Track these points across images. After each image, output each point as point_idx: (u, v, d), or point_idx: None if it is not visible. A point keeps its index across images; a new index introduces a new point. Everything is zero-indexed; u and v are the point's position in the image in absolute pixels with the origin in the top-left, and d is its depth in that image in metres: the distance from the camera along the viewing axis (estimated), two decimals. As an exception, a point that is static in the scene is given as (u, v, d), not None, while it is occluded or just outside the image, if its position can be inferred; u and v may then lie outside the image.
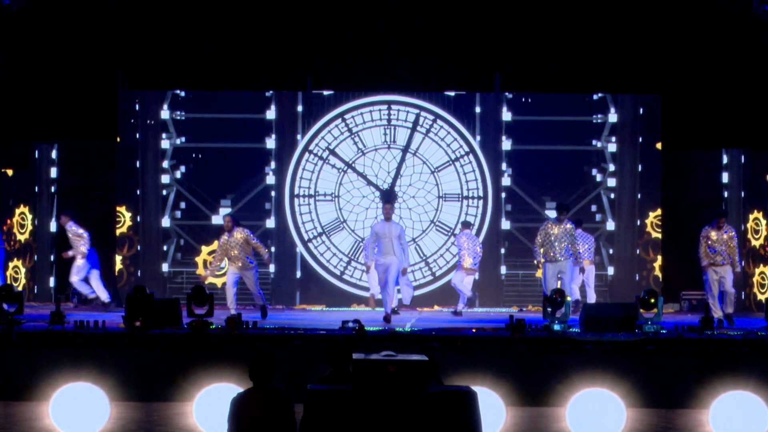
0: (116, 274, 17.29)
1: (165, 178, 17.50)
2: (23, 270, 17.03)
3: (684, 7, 16.24)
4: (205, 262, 17.24)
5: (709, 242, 13.96)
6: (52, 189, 17.51)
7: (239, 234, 14.09)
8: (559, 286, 13.30)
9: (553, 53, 16.85)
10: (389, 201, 14.93)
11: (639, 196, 17.38)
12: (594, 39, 16.60)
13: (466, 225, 16.07)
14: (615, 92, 17.45)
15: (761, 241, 16.82)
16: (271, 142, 17.44)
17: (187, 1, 16.77)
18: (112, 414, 9.87)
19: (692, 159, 17.43)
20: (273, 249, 17.42)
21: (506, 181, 17.43)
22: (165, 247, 17.44)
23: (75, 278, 15.39)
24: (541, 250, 14.30)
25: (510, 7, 16.69)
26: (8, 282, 15.13)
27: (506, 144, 17.43)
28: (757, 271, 16.80)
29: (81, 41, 16.64)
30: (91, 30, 16.57)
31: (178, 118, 17.52)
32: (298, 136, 17.55)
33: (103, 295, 15.43)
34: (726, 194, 17.22)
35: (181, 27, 16.75)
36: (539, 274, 14.86)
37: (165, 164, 17.47)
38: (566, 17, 16.53)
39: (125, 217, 17.33)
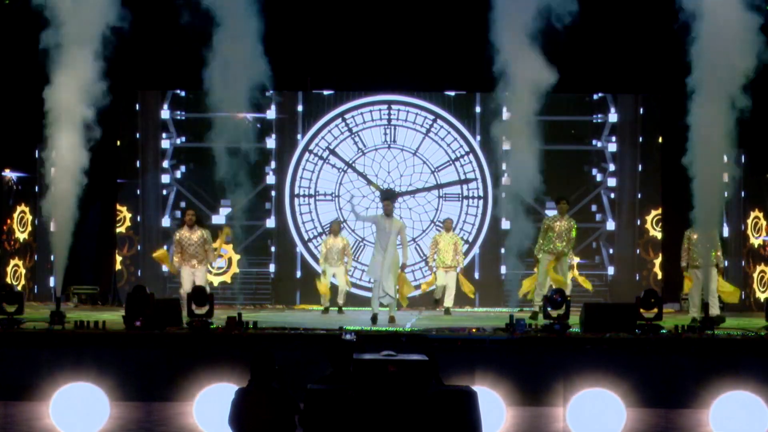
0: (116, 273, 17.30)
1: (165, 178, 17.51)
2: (23, 270, 17.02)
3: (684, 7, 16.21)
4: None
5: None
6: (53, 189, 17.45)
7: (199, 233, 14.13)
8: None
9: (553, 53, 16.82)
10: (388, 198, 14.89)
11: (639, 196, 17.38)
12: (594, 39, 16.58)
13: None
14: (615, 92, 17.46)
15: (761, 240, 16.82)
16: (271, 142, 17.44)
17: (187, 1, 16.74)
18: (112, 414, 9.88)
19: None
20: (273, 249, 17.43)
21: (506, 181, 17.43)
22: (165, 247, 17.42)
23: None
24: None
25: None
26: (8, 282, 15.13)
27: (506, 144, 17.42)
28: (758, 270, 16.80)
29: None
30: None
31: (178, 118, 17.52)
32: (298, 136, 17.56)
33: None
34: (726, 194, 17.18)
35: (181, 27, 16.72)
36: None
37: (165, 164, 17.48)
38: (566, 17, 16.50)
39: (125, 217, 17.33)
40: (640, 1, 16.32)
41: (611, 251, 17.37)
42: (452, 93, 17.58)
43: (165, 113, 17.51)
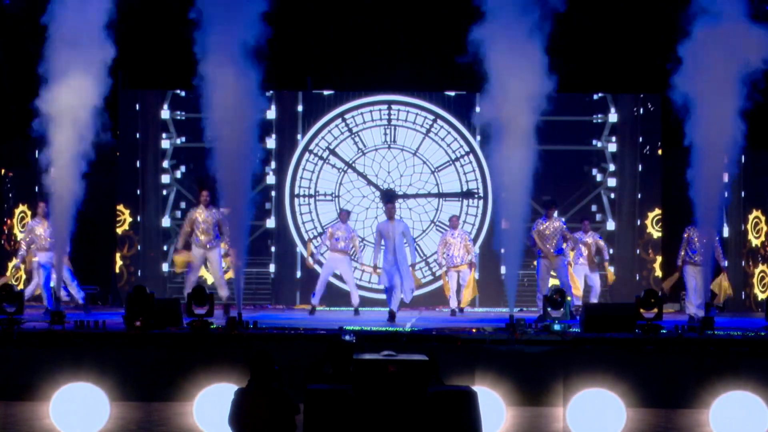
0: (116, 273, 17.29)
1: (165, 178, 17.51)
2: (23, 269, 16.98)
3: (683, 7, 16.21)
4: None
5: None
6: (53, 189, 17.42)
7: (215, 212, 14.22)
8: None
9: (553, 53, 16.82)
10: (391, 201, 15.18)
11: (639, 196, 17.39)
12: (594, 39, 16.58)
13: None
14: (615, 92, 17.45)
15: (761, 239, 16.82)
16: (271, 142, 17.44)
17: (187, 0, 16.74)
18: (112, 414, 9.88)
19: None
20: (273, 249, 17.43)
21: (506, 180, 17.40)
22: (165, 247, 17.44)
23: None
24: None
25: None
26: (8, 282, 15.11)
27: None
28: (757, 270, 16.80)
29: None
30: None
31: (178, 118, 17.52)
32: (299, 136, 17.56)
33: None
34: (726, 194, 17.18)
35: (181, 27, 16.72)
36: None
37: (165, 164, 17.48)
38: (566, 17, 16.50)
39: (125, 217, 17.33)
40: (640, 1, 16.32)
41: (611, 251, 17.36)
42: (452, 93, 17.58)
43: (165, 113, 17.51)
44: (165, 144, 17.50)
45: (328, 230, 15.59)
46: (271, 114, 17.45)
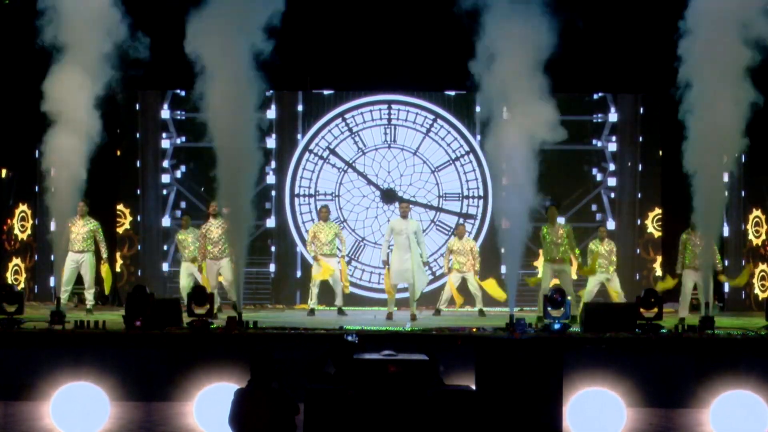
0: (116, 273, 17.28)
1: (165, 178, 17.50)
2: (23, 270, 17.00)
3: (684, 7, 16.21)
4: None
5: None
6: (53, 188, 17.42)
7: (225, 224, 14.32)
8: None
9: (553, 53, 16.81)
10: (406, 200, 15.32)
11: (639, 195, 17.38)
12: (594, 39, 16.57)
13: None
14: (615, 92, 17.44)
15: (761, 239, 16.81)
16: (271, 142, 17.43)
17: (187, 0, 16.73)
18: (112, 414, 9.88)
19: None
20: (273, 249, 17.43)
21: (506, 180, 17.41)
22: (165, 247, 17.43)
23: None
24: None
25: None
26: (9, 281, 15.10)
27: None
28: (758, 269, 16.79)
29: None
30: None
31: (178, 118, 17.52)
32: (299, 136, 17.56)
33: None
34: (726, 194, 17.17)
35: (181, 26, 16.71)
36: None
37: (165, 164, 17.47)
38: (566, 17, 16.50)
39: (125, 217, 17.32)
40: (640, 1, 16.31)
41: (611, 251, 17.34)
42: (452, 93, 17.57)
43: (165, 113, 17.50)
44: (165, 144, 17.49)
45: (310, 232, 15.47)
46: (271, 114, 17.44)
